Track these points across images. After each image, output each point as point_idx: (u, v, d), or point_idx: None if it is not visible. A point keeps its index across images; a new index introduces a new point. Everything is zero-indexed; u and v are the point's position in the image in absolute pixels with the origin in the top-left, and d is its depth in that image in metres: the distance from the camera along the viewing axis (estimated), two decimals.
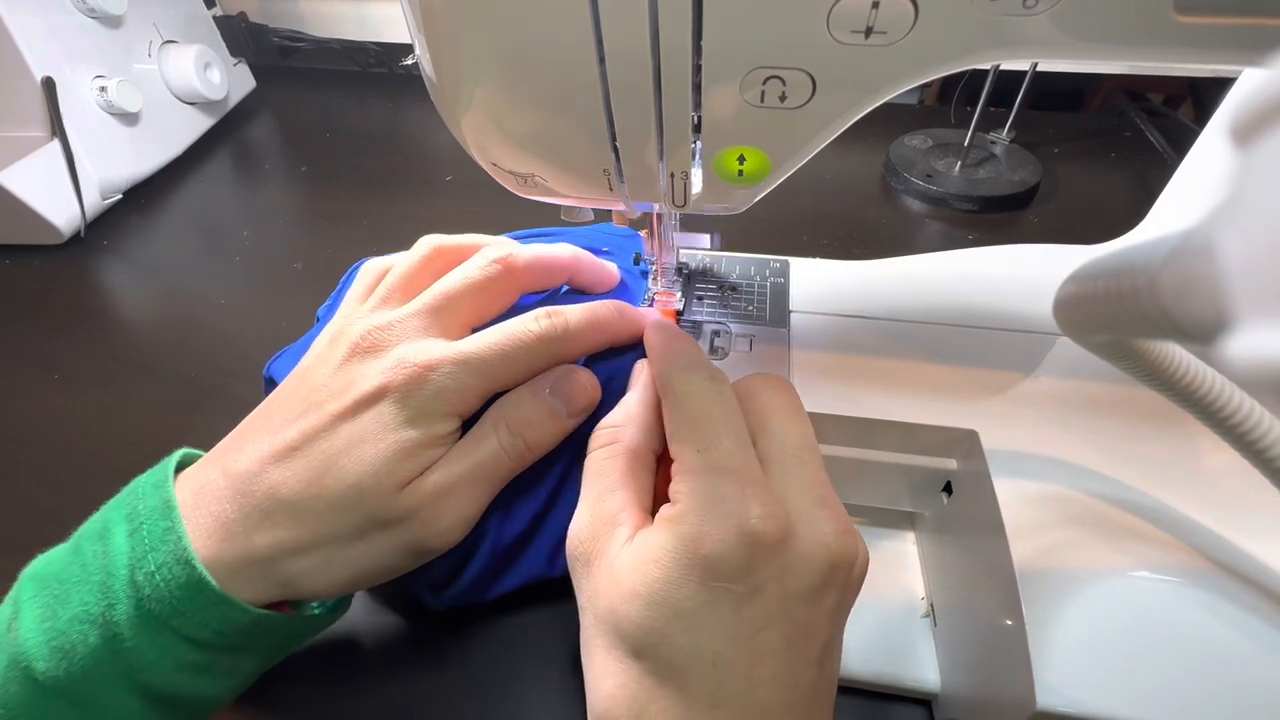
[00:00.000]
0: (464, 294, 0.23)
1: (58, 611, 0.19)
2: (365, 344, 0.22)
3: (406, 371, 0.21)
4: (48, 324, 0.43)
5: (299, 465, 0.20)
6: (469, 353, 0.22)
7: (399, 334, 0.22)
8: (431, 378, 0.21)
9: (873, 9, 0.16)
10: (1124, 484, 0.23)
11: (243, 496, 0.20)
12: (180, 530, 0.20)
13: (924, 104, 0.67)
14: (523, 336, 0.22)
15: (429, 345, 0.22)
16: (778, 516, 0.18)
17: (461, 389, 0.22)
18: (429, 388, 0.21)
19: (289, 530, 0.20)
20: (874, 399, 0.26)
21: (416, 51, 0.20)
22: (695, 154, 0.20)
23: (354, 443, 0.21)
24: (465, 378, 0.21)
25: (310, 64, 0.74)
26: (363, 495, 0.20)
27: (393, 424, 0.21)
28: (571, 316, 0.24)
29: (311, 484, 0.20)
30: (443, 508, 0.22)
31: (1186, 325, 0.12)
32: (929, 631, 0.26)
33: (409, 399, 0.21)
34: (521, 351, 0.22)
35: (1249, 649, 0.19)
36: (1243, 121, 0.10)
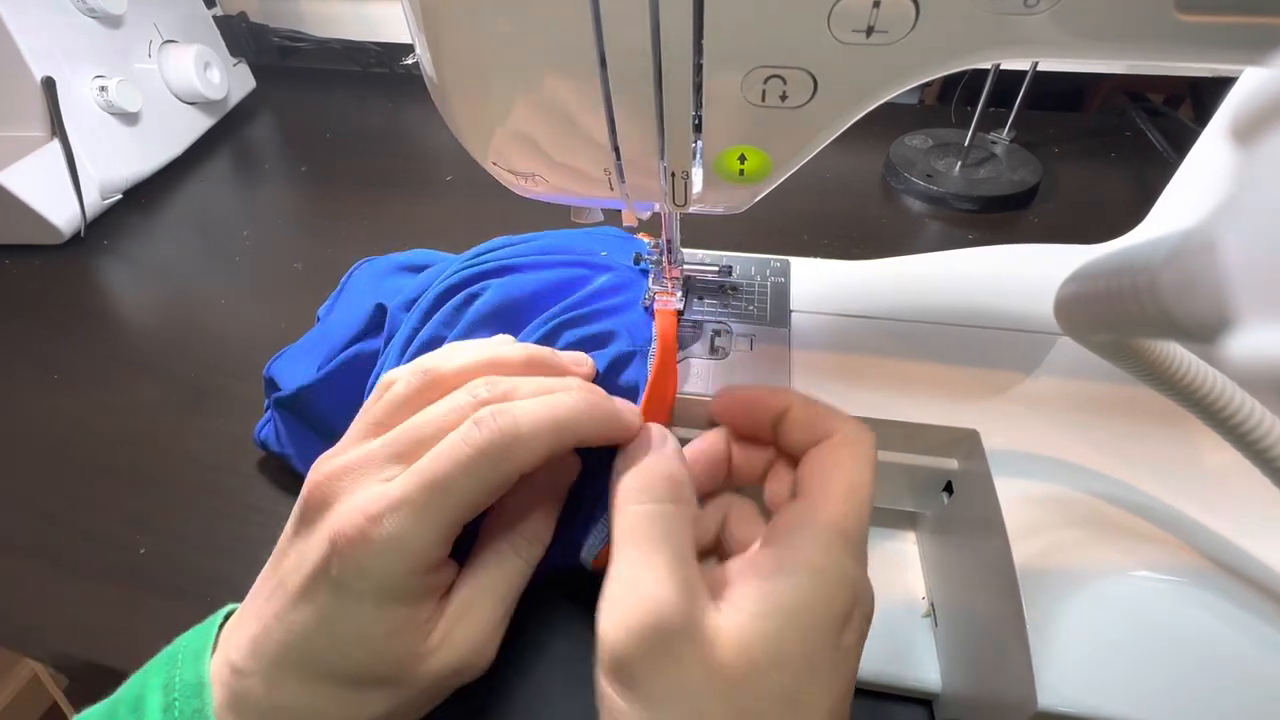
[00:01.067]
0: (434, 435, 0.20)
1: None
2: (311, 499, 0.20)
3: (343, 544, 0.18)
4: (48, 324, 0.43)
5: (290, 663, 0.19)
6: (400, 498, 0.18)
7: (343, 483, 0.19)
8: (371, 549, 0.18)
9: (873, 8, 0.16)
10: (1124, 484, 0.23)
11: (248, 697, 0.19)
12: (209, 714, 0.19)
13: (924, 104, 0.67)
14: (458, 455, 0.19)
15: (362, 498, 0.19)
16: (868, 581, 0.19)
17: (414, 546, 0.18)
18: (374, 559, 0.18)
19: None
20: (874, 399, 0.26)
21: (416, 51, 0.20)
22: (695, 154, 0.20)
23: (334, 638, 0.18)
24: (412, 531, 0.18)
25: (310, 64, 0.74)
26: (383, 682, 0.19)
27: (359, 608, 0.18)
28: (524, 415, 0.19)
29: (314, 679, 0.19)
30: (486, 649, 0.20)
31: (1187, 325, 0.12)
32: (929, 631, 0.26)
33: (360, 577, 0.18)
34: (464, 478, 0.19)
35: (1249, 649, 0.19)
36: (1243, 121, 0.10)
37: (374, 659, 0.19)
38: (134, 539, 0.31)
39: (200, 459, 0.35)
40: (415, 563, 0.19)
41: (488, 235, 0.33)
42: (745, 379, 0.27)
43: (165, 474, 0.34)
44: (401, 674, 0.19)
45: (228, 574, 0.30)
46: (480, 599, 0.20)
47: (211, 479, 0.34)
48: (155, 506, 0.33)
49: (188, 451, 0.35)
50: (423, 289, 0.31)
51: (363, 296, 0.36)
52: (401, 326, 0.30)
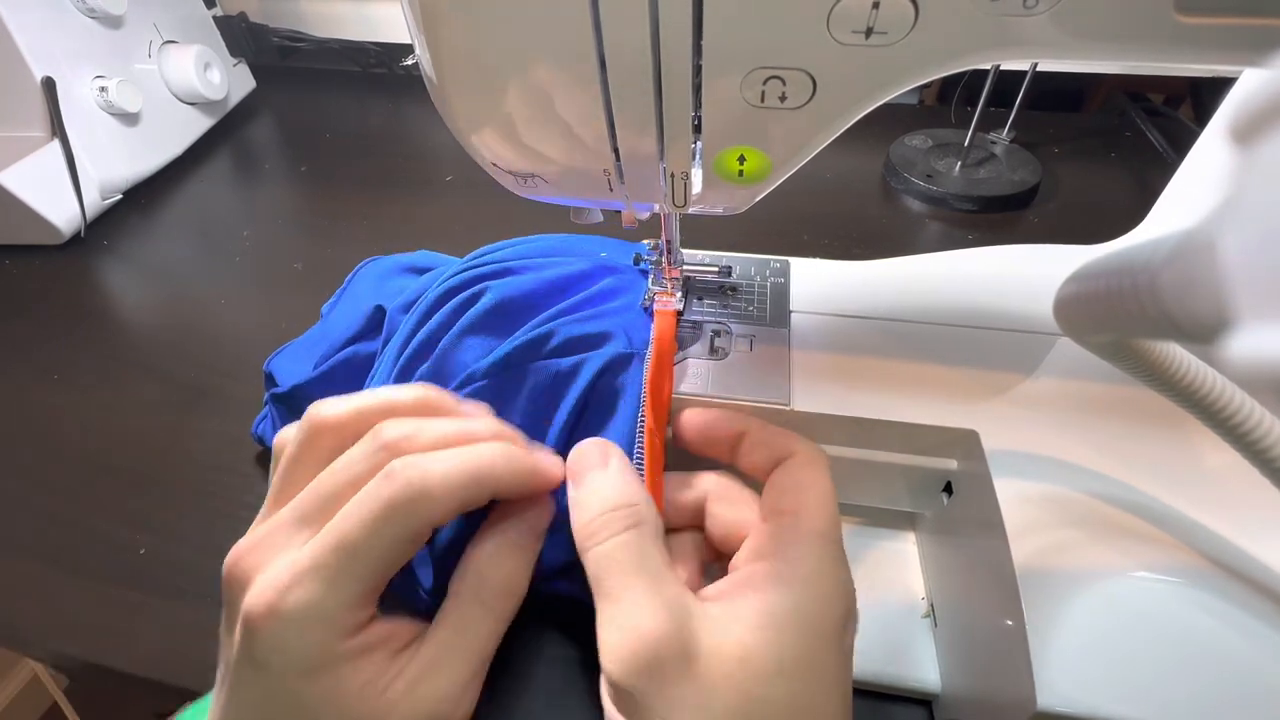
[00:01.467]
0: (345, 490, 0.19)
1: None
2: (230, 582, 0.19)
3: (253, 623, 0.17)
4: (48, 324, 0.43)
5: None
6: (309, 565, 0.18)
7: (255, 559, 0.19)
8: (281, 623, 0.17)
9: (873, 9, 0.16)
10: (1124, 484, 0.23)
11: None
12: None
13: (924, 104, 0.67)
14: (366, 513, 0.18)
15: (272, 572, 0.18)
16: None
17: (326, 614, 0.18)
18: (287, 633, 0.17)
19: None
20: (874, 399, 0.26)
21: (416, 51, 0.20)
22: (695, 154, 0.20)
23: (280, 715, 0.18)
24: (320, 600, 0.17)
25: (310, 64, 0.74)
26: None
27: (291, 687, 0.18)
28: (434, 469, 0.19)
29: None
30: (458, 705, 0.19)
31: (1186, 325, 0.12)
32: (929, 631, 0.26)
33: (278, 652, 0.18)
34: (369, 536, 0.18)
35: (1249, 649, 0.19)
36: (1243, 121, 0.10)
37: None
38: (134, 539, 0.31)
39: (200, 459, 0.35)
40: (332, 630, 0.18)
41: (488, 235, 0.33)
42: (745, 379, 0.27)
43: (165, 474, 0.34)
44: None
45: None
46: (447, 656, 0.19)
47: (211, 478, 0.34)
48: (155, 506, 0.33)
49: (187, 451, 0.35)
50: (422, 291, 0.31)
51: (365, 296, 0.36)
52: (399, 328, 0.30)
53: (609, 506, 0.20)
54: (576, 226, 0.28)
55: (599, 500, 0.20)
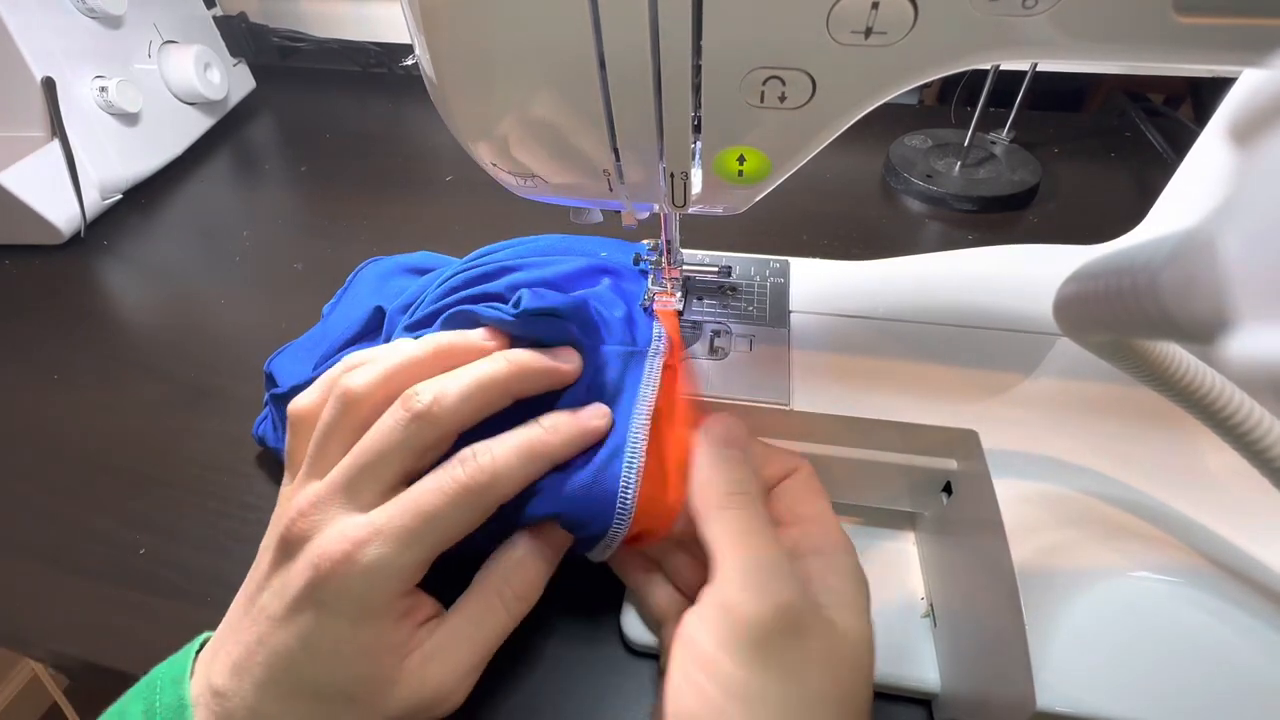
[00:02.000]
0: (382, 458, 0.21)
1: None
2: (290, 536, 0.21)
3: (328, 566, 0.19)
4: (48, 324, 0.43)
5: (263, 679, 0.19)
6: (387, 527, 0.20)
7: (315, 519, 0.20)
8: (355, 570, 0.19)
9: (872, 9, 0.16)
10: (1124, 484, 0.23)
11: (234, 714, 0.20)
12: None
13: (924, 104, 0.67)
14: (447, 492, 0.20)
15: (345, 527, 0.20)
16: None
17: (396, 569, 0.20)
18: (357, 580, 0.19)
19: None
20: (874, 399, 0.26)
21: (416, 51, 0.20)
22: (695, 154, 0.20)
23: (311, 654, 0.19)
24: (398, 555, 0.20)
25: (310, 64, 0.74)
26: (355, 703, 0.20)
27: (338, 629, 0.19)
28: (500, 456, 0.21)
29: (288, 698, 0.19)
30: (456, 691, 0.21)
31: (1186, 325, 0.12)
32: (929, 631, 0.26)
33: (341, 596, 0.19)
34: (448, 508, 0.20)
35: (1249, 649, 0.19)
36: (1243, 121, 0.10)
37: (347, 675, 0.20)
38: (134, 539, 0.31)
39: (200, 459, 0.35)
40: (395, 585, 0.20)
41: (488, 236, 0.33)
42: (745, 379, 0.27)
43: (165, 474, 0.34)
44: (372, 694, 0.20)
45: (227, 573, 0.30)
46: (458, 643, 0.21)
47: (211, 479, 0.34)
48: (155, 506, 0.33)
49: (187, 451, 0.35)
50: (421, 292, 0.31)
51: (366, 296, 0.36)
52: (397, 329, 0.30)
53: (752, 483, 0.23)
54: (576, 226, 0.28)
55: (730, 467, 0.23)
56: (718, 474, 0.23)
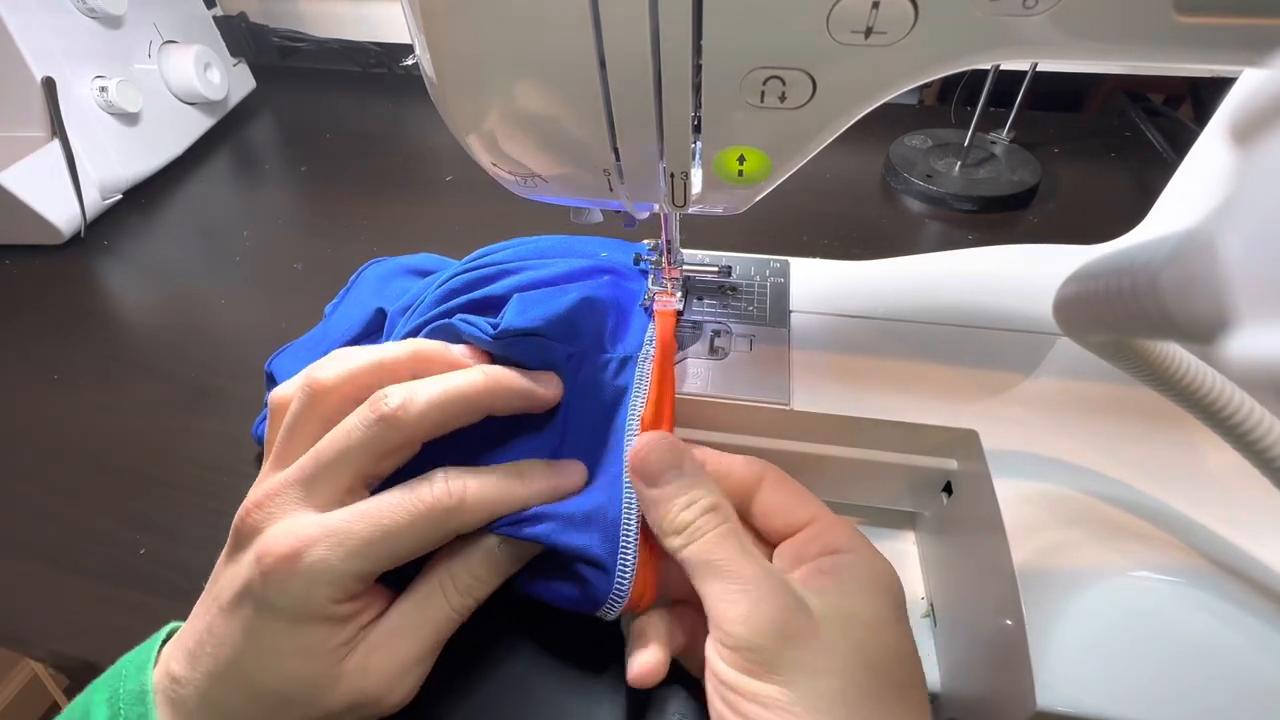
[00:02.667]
0: (343, 457, 0.21)
1: None
2: (242, 526, 0.21)
3: (269, 563, 0.19)
4: (48, 324, 0.43)
5: (212, 669, 0.20)
6: (339, 532, 0.19)
7: (269, 511, 0.20)
8: (297, 569, 0.19)
9: (873, 9, 0.16)
10: (1124, 484, 0.23)
11: (183, 703, 0.20)
12: (152, 717, 0.19)
13: (924, 104, 0.67)
14: (410, 507, 0.20)
15: (295, 524, 0.20)
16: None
17: (335, 576, 0.19)
18: (297, 580, 0.19)
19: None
20: (874, 399, 0.26)
21: (416, 51, 0.20)
22: (695, 154, 0.20)
23: (253, 650, 0.19)
24: (337, 563, 0.19)
25: (310, 64, 0.74)
26: (294, 702, 0.20)
27: (276, 625, 0.19)
28: (472, 488, 0.21)
29: (234, 692, 0.19)
30: (395, 685, 0.21)
31: (1186, 325, 0.12)
32: (929, 631, 0.26)
33: (280, 595, 0.19)
34: (407, 526, 0.20)
35: (1249, 649, 0.19)
36: (1243, 121, 0.10)
37: (284, 674, 0.20)
38: (134, 539, 0.31)
39: (200, 459, 0.35)
40: (335, 591, 0.20)
41: (488, 236, 0.33)
42: (745, 379, 0.27)
43: (165, 474, 0.34)
44: (310, 694, 0.20)
45: None
46: (399, 638, 0.21)
47: (211, 479, 0.34)
48: (155, 506, 0.33)
49: (187, 451, 0.35)
50: (421, 294, 0.31)
51: (368, 297, 0.36)
52: (396, 331, 0.30)
53: (703, 507, 0.21)
54: (576, 226, 0.28)
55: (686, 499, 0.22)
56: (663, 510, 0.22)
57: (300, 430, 0.22)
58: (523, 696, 0.25)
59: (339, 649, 0.20)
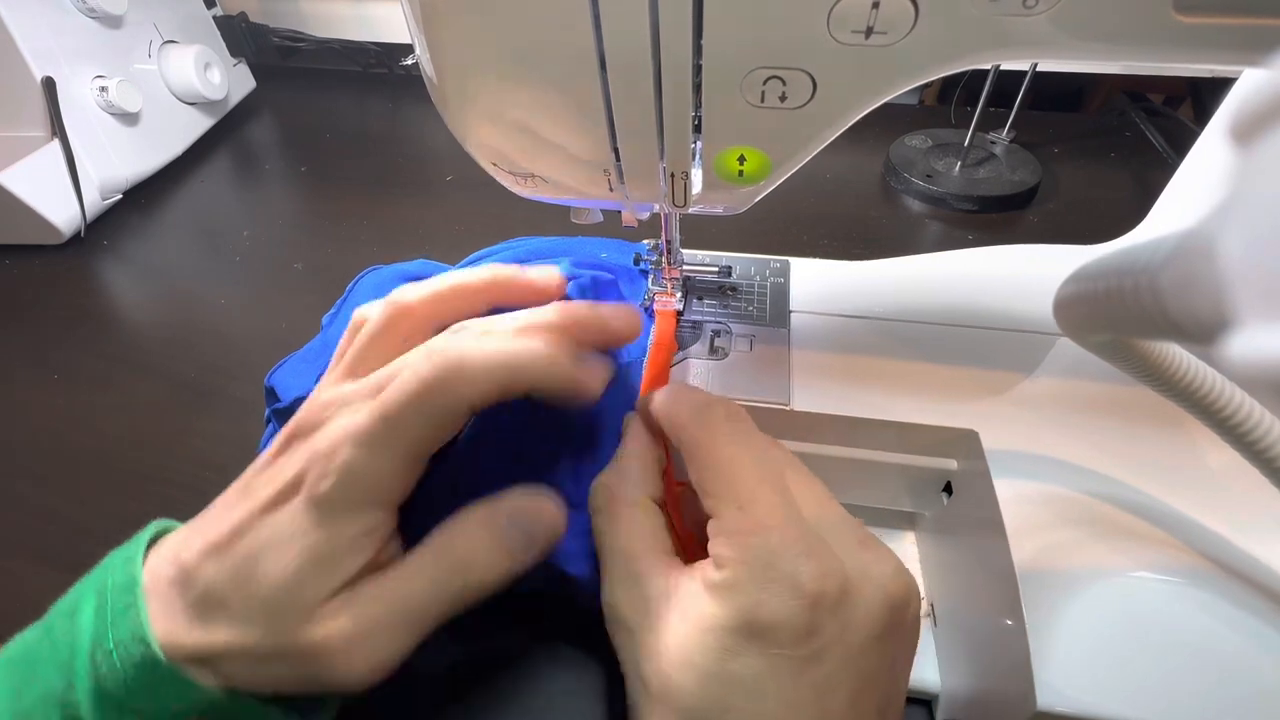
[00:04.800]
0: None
1: (23, 692, 0.19)
2: (303, 422, 0.21)
3: (315, 461, 0.19)
4: (48, 324, 0.43)
5: (228, 562, 0.19)
6: (356, 427, 0.19)
7: (327, 413, 0.20)
8: (333, 465, 0.19)
9: (873, 9, 0.16)
10: (1124, 484, 0.23)
11: (185, 589, 0.19)
12: (140, 606, 0.19)
13: (924, 104, 0.67)
14: (404, 387, 0.19)
15: (342, 422, 0.20)
16: (834, 571, 0.17)
17: (366, 473, 0.19)
18: (333, 477, 0.19)
19: (224, 632, 0.19)
20: (874, 399, 0.26)
21: (416, 51, 0.20)
22: (695, 154, 0.20)
23: (271, 544, 0.19)
24: (364, 458, 0.19)
25: (310, 64, 0.74)
26: (275, 611, 0.19)
27: (304, 525, 0.19)
28: (470, 352, 0.20)
29: (239, 585, 0.19)
30: (353, 650, 0.19)
31: (1186, 325, 0.12)
32: (929, 631, 0.26)
33: (317, 492, 0.19)
34: (410, 410, 0.19)
35: (1249, 649, 0.19)
36: (1243, 121, 0.10)
37: (288, 576, 0.19)
38: None
39: (200, 459, 0.35)
40: (368, 489, 0.19)
41: (488, 236, 0.33)
42: (745, 379, 0.27)
43: (165, 474, 0.34)
44: (296, 612, 0.19)
45: None
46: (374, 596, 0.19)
47: (211, 479, 0.34)
48: (155, 506, 0.32)
49: (188, 451, 0.35)
50: None
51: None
52: None
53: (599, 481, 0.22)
54: (576, 226, 0.28)
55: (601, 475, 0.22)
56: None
57: (376, 346, 0.22)
58: (521, 692, 0.25)
59: (344, 565, 0.19)
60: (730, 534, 0.18)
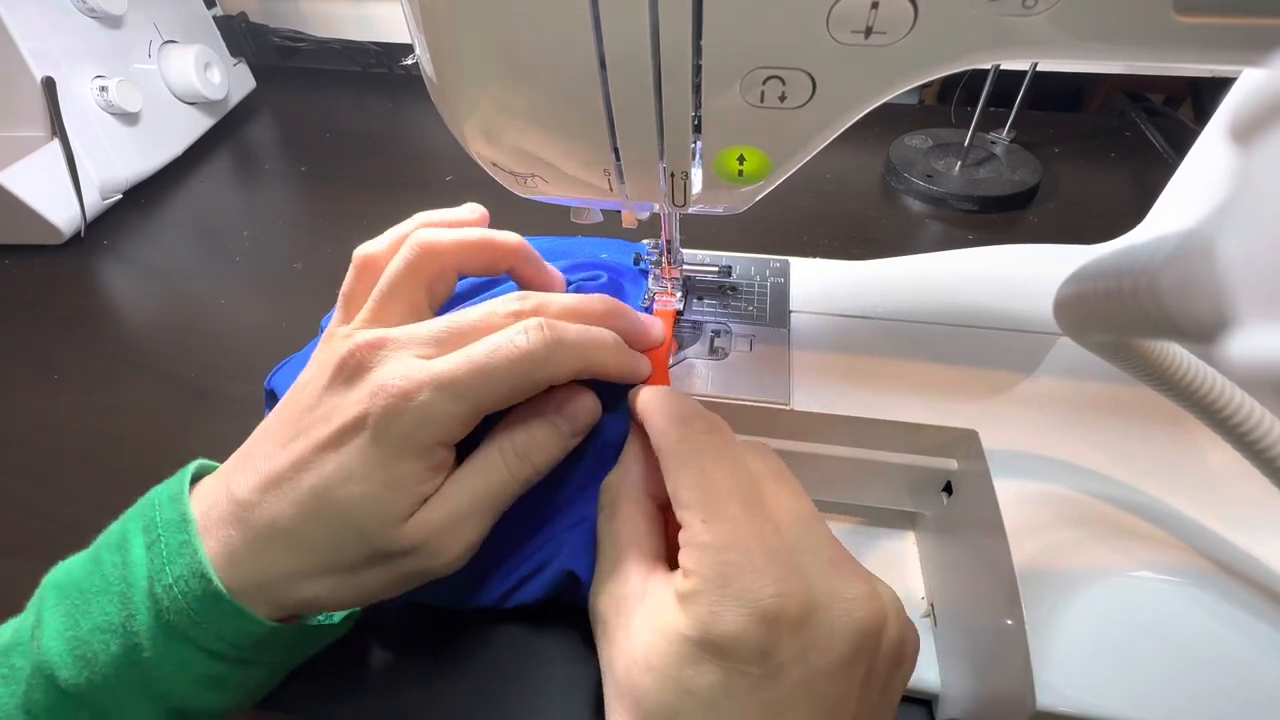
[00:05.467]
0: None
1: (79, 621, 0.20)
2: (350, 360, 0.21)
3: (384, 400, 0.20)
4: (48, 324, 0.43)
5: (292, 496, 0.20)
6: (447, 375, 0.20)
7: (385, 353, 0.21)
8: (409, 406, 0.20)
9: (872, 9, 0.16)
10: (1124, 484, 0.23)
11: (245, 524, 0.20)
12: (196, 544, 0.20)
13: (924, 104, 0.67)
14: (507, 352, 0.21)
15: (407, 367, 0.21)
16: (796, 592, 0.17)
17: (444, 418, 0.20)
18: (408, 417, 0.20)
19: (292, 560, 0.20)
20: (874, 399, 0.26)
21: (416, 51, 0.20)
22: (695, 154, 0.20)
23: (343, 478, 0.20)
24: (447, 404, 0.20)
25: (310, 64, 0.74)
26: (363, 533, 0.20)
27: (377, 459, 0.20)
28: (568, 333, 0.22)
29: (309, 517, 0.20)
30: (448, 539, 0.21)
31: (1186, 325, 0.12)
32: (929, 631, 0.26)
33: (390, 429, 0.20)
34: (505, 371, 0.21)
35: (1249, 649, 0.19)
36: (1243, 121, 0.10)
37: (369, 507, 0.20)
38: None
39: (200, 459, 0.35)
40: (441, 431, 0.20)
41: None
42: (745, 379, 0.27)
43: (165, 474, 0.34)
44: (383, 529, 0.20)
45: None
46: (457, 496, 0.21)
47: None
48: None
49: (188, 451, 0.35)
50: None
51: None
52: None
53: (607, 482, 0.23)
54: (576, 226, 0.28)
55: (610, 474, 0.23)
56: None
57: (402, 288, 0.23)
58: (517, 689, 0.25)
59: (418, 491, 0.21)
60: (695, 546, 0.18)
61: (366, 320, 0.23)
